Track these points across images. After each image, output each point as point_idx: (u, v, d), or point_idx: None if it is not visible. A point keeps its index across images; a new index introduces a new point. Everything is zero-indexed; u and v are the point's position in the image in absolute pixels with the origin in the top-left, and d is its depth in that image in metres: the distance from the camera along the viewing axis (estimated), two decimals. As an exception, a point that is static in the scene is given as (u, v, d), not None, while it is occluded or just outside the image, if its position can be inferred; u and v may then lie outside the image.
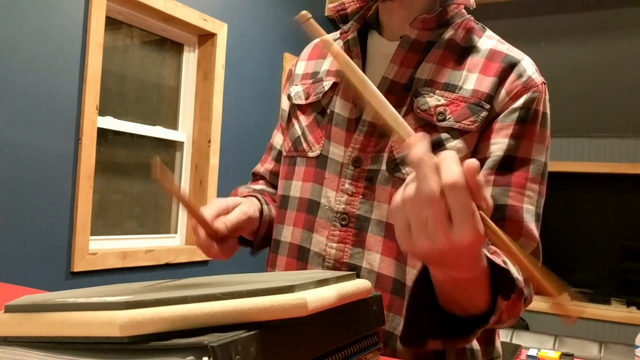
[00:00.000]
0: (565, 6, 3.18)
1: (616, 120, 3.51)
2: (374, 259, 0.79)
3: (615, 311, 3.51)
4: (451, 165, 0.49)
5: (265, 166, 1.03)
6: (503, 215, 0.76)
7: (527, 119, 0.78)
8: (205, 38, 2.73)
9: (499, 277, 0.64)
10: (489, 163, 0.77)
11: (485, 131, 0.78)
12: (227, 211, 0.83)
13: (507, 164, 0.77)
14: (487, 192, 0.75)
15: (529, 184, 0.77)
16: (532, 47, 0.86)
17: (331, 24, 3.62)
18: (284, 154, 0.94)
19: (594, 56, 3.27)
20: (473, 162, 0.49)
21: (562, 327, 3.59)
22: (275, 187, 1.01)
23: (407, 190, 0.51)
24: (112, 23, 2.37)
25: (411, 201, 0.51)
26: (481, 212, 0.50)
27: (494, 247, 0.70)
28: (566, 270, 3.83)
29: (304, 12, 0.59)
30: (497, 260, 0.64)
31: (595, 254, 3.76)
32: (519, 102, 0.78)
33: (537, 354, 2.11)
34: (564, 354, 2.17)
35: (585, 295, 3.67)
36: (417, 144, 0.51)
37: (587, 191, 3.78)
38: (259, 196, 0.95)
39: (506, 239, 0.50)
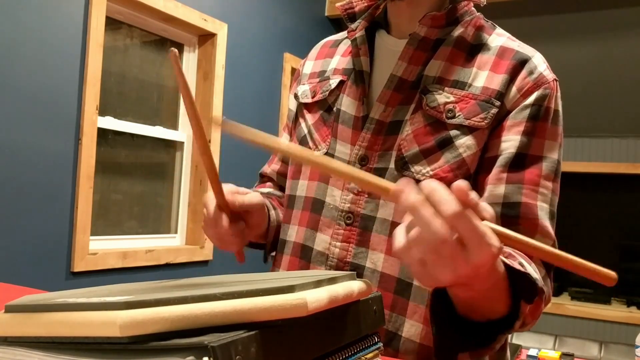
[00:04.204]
0: (565, 6, 3.17)
1: (616, 120, 3.51)
2: (378, 258, 0.79)
3: (615, 311, 3.51)
4: (442, 196, 0.48)
5: (272, 167, 1.03)
6: (517, 213, 0.75)
7: (539, 116, 0.77)
8: (205, 38, 2.73)
9: (518, 281, 0.63)
10: (501, 160, 0.76)
11: (496, 128, 0.78)
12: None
13: (520, 162, 0.76)
14: (500, 189, 0.75)
15: (542, 181, 0.76)
16: (532, 46, 0.86)
17: (332, 24, 3.61)
18: None
19: (594, 56, 3.27)
20: (461, 182, 0.49)
21: (562, 327, 3.59)
22: (282, 188, 1.00)
23: (411, 233, 0.50)
24: (112, 23, 2.37)
25: (422, 244, 0.49)
26: (489, 223, 0.49)
27: (508, 250, 0.69)
28: (566, 270, 3.83)
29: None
30: (514, 264, 0.64)
31: (595, 254, 3.75)
32: (530, 99, 0.77)
33: (537, 353, 2.11)
34: (564, 354, 2.16)
35: (585, 295, 3.66)
36: (405, 191, 0.50)
37: (587, 191, 3.77)
38: (266, 201, 0.95)
39: (525, 239, 0.50)
